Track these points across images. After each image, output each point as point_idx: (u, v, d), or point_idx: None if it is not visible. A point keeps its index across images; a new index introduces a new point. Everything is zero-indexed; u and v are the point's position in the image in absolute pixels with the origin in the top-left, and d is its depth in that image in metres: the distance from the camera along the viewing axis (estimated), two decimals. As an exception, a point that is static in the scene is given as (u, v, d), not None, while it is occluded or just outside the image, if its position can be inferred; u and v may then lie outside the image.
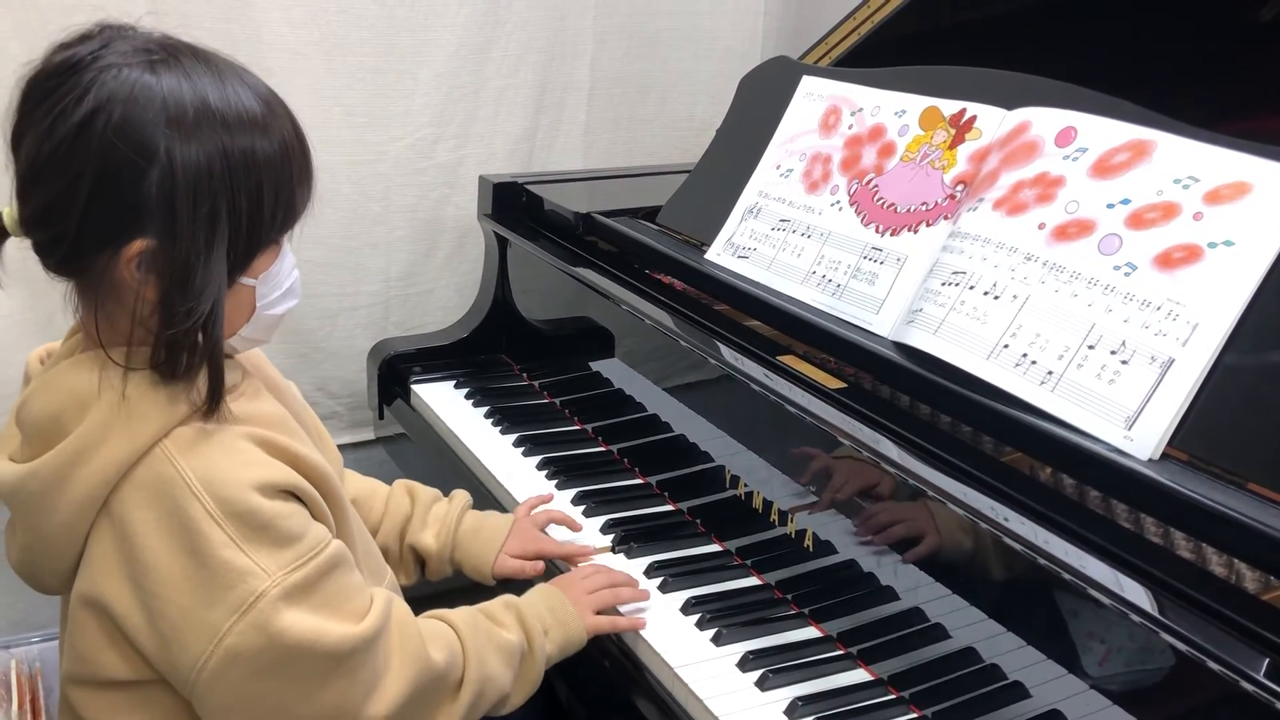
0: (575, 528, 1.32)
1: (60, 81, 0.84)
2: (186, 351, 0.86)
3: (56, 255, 0.87)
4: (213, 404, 0.88)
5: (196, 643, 0.86)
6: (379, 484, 1.29)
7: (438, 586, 1.29)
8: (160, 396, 0.87)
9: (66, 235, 0.85)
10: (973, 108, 1.24)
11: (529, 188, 1.75)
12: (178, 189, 0.83)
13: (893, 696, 1.07)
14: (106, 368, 0.87)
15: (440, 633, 1.01)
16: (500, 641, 1.05)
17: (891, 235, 1.25)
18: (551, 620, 1.11)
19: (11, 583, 0.97)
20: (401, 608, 0.99)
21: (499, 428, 1.58)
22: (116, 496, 0.87)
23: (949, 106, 1.26)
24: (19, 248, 0.91)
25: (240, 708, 0.89)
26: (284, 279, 0.95)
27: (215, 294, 0.86)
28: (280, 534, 0.87)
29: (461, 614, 1.06)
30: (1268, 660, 0.78)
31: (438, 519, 1.26)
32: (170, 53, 0.87)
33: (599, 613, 1.15)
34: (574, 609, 1.12)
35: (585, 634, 1.13)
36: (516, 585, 1.23)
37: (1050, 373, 1.02)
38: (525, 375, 1.75)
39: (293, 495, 0.90)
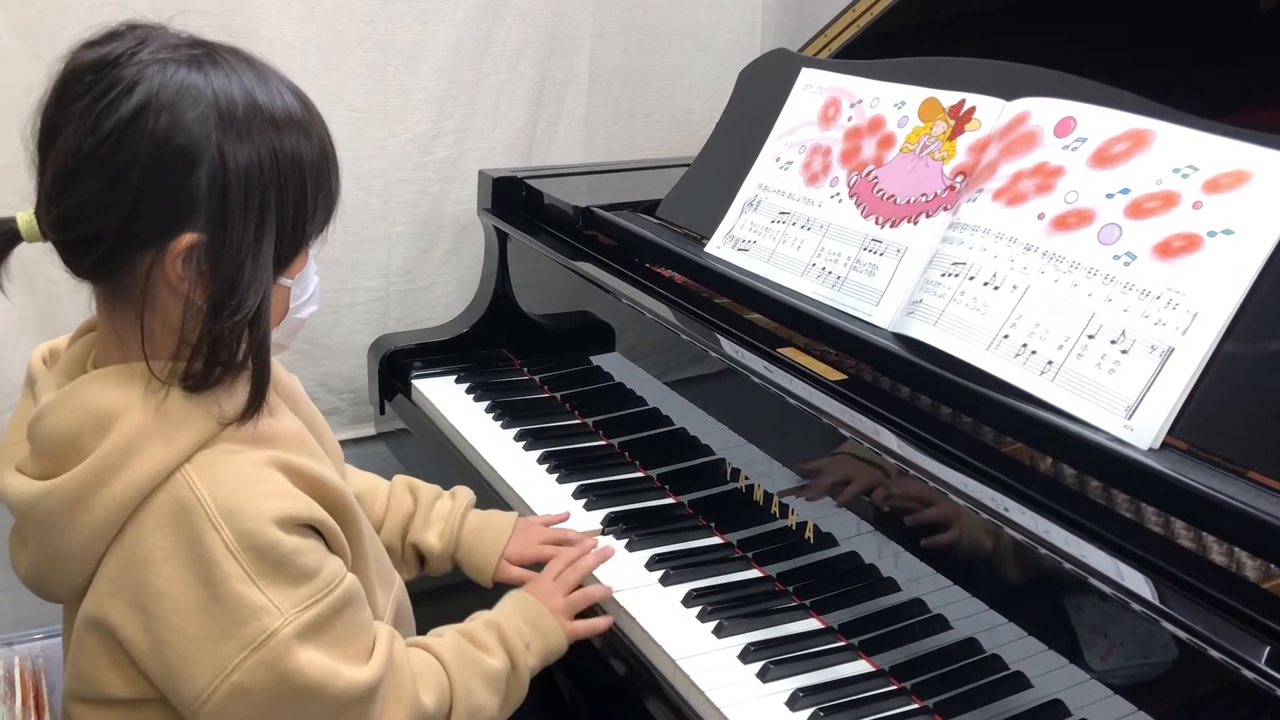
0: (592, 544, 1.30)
1: (100, 77, 0.81)
2: (226, 354, 0.84)
3: (92, 256, 0.84)
4: (254, 405, 0.87)
5: (203, 675, 0.84)
6: (379, 480, 1.28)
7: (437, 581, 1.29)
8: (190, 409, 0.85)
9: (109, 232, 0.82)
10: (972, 98, 1.24)
11: (528, 182, 1.75)
12: (230, 183, 0.82)
13: (894, 687, 1.07)
14: (149, 384, 0.85)
15: (429, 670, 1.01)
16: (486, 669, 1.05)
17: (891, 227, 1.25)
18: (531, 633, 1.11)
19: (14, 580, 0.96)
20: (399, 648, 0.98)
21: (500, 422, 1.58)
22: (133, 520, 0.85)
23: (948, 97, 1.26)
24: (22, 248, 0.88)
25: None
26: (310, 283, 0.95)
27: (264, 288, 0.85)
28: (297, 570, 0.86)
29: (447, 643, 1.05)
30: (1269, 648, 0.78)
31: (441, 518, 1.26)
32: (210, 51, 0.85)
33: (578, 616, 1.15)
34: (553, 619, 1.13)
35: (565, 642, 1.13)
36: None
37: (1050, 363, 1.02)
38: (526, 370, 1.75)
39: (311, 529, 0.89)
